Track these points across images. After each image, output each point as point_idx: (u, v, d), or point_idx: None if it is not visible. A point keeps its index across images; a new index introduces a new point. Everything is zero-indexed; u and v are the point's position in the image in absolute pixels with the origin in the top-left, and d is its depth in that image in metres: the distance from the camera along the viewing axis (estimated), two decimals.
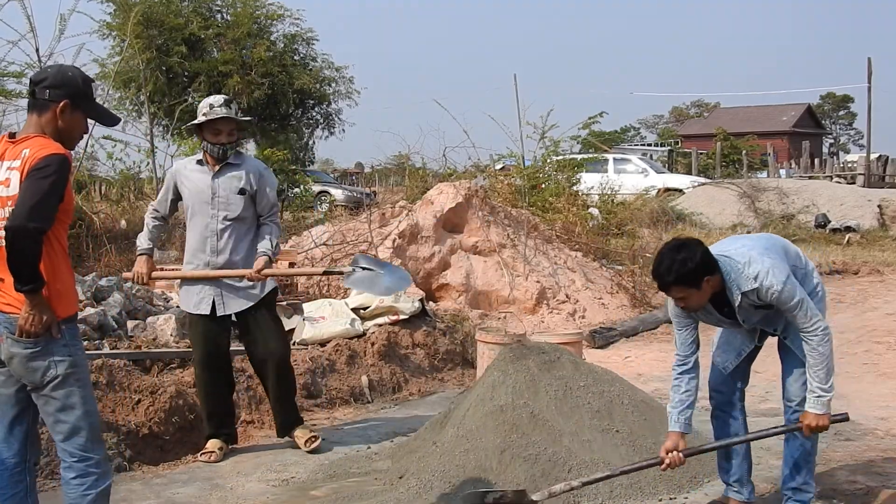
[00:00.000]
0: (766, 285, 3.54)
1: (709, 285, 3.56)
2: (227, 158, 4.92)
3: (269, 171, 5.08)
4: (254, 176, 4.94)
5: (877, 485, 4.39)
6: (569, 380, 4.66)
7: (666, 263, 3.53)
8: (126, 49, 16.06)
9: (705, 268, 3.53)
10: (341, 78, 27.13)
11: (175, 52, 23.06)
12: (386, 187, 24.51)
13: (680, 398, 3.81)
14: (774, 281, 3.54)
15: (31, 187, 2.90)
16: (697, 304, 3.61)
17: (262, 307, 4.98)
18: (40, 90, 3.07)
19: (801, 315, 3.59)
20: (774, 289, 3.54)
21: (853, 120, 69.74)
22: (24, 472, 3.18)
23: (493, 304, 9.41)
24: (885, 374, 7.13)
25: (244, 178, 4.90)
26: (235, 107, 5.03)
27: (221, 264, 4.90)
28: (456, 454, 4.37)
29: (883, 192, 21.63)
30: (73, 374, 3.06)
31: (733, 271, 3.59)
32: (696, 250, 3.54)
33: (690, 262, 3.50)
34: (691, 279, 3.51)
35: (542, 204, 12.70)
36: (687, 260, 3.50)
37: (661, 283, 3.59)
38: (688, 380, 3.81)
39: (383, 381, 6.56)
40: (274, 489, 4.48)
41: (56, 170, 2.93)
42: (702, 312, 3.74)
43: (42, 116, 3.09)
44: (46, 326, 2.97)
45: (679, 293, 3.57)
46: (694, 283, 3.53)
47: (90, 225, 9.37)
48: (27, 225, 2.85)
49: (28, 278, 2.89)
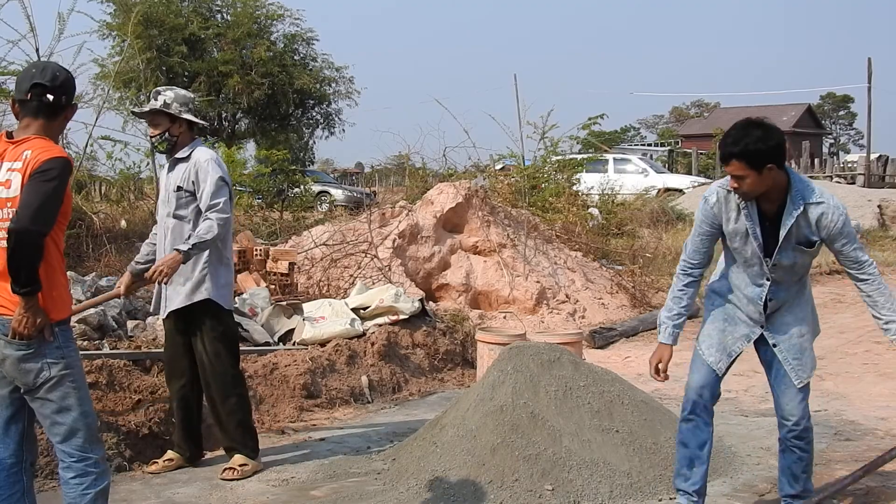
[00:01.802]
0: (834, 205, 3.43)
1: (770, 176, 3.37)
2: (170, 152, 4.64)
3: (211, 161, 4.55)
4: (192, 169, 4.55)
5: (877, 485, 4.38)
6: (569, 380, 4.66)
7: (737, 134, 3.35)
8: (126, 49, 16.05)
9: (775, 154, 3.35)
10: (341, 78, 27.19)
11: (175, 52, 23.07)
12: (386, 187, 24.50)
13: (678, 311, 3.70)
14: (840, 209, 3.45)
15: (34, 190, 2.90)
16: (750, 190, 3.39)
17: (205, 315, 4.59)
18: (58, 96, 3.07)
19: (858, 249, 3.49)
20: (840, 212, 3.44)
21: (853, 120, 69.72)
22: (20, 473, 3.18)
23: (493, 304, 9.41)
24: (885, 374, 7.13)
25: (184, 173, 4.58)
26: (164, 98, 4.55)
27: None
28: (456, 454, 4.37)
29: (883, 192, 21.64)
30: (67, 375, 3.05)
31: (801, 183, 3.45)
32: (774, 134, 3.38)
33: (763, 142, 3.33)
34: (757, 158, 3.32)
35: (542, 204, 12.71)
36: (761, 139, 3.33)
37: (725, 153, 3.39)
38: (690, 293, 3.71)
39: (383, 381, 6.56)
40: (274, 489, 4.48)
41: (59, 174, 2.94)
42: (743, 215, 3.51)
43: (53, 121, 3.10)
44: (39, 329, 2.96)
45: (738, 169, 3.35)
46: (757, 164, 3.33)
47: (90, 225, 9.37)
48: (31, 228, 2.86)
49: (27, 281, 2.89)
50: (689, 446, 3.73)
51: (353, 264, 8.71)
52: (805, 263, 3.59)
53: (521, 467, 4.20)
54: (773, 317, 3.67)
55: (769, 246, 3.51)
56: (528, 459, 4.22)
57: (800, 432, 3.70)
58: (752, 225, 3.51)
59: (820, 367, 7.25)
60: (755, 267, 3.58)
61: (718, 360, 3.72)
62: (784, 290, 3.62)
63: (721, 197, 3.58)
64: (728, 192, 3.53)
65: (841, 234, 3.45)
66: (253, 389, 5.74)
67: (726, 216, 3.57)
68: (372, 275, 8.51)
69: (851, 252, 3.49)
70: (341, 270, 8.66)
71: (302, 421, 5.76)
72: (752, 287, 3.63)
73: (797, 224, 3.44)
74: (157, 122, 4.59)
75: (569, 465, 4.21)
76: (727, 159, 3.38)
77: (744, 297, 3.68)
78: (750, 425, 5.61)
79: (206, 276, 4.56)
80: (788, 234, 3.46)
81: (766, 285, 3.58)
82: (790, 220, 3.44)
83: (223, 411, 4.67)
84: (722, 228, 3.60)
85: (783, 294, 3.63)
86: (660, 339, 3.73)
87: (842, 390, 6.62)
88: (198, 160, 4.57)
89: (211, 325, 4.60)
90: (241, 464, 4.62)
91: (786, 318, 3.66)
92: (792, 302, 3.67)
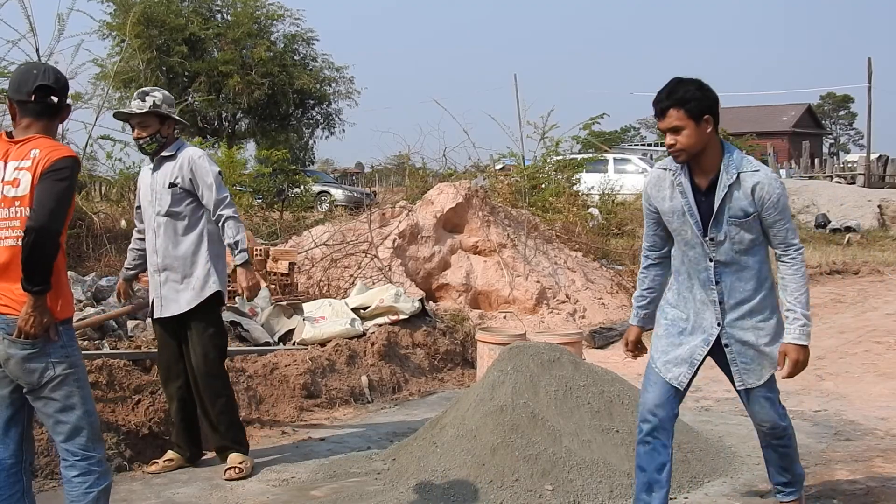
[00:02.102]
0: (771, 176, 3.33)
1: (707, 132, 3.28)
2: (157, 153, 4.60)
3: (203, 158, 4.60)
4: (185, 166, 4.55)
5: (877, 485, 4.38)
6: (569, 380, 4.66)
7: (671, 87, 3.28)
8: (126, 49, 16.05)
9: (712, 105, 3.29)
10: (341, 78, 27.22)
11: (175, 52, 23.08)
12: (386, 187, 24.50)
13: (641, 293, 3.69)
14: (776, 182, 3.33)
15: (49, 189, 2.92)
16: (688, 144, 3.27)
17: (196, 315, 4.60)
18: (61, 98, 3.12)
19: (791, 229, 3.36)
20: (776, 185, 3.32)
21: (853, 120, 69.75)
22: (20, 473, 3.18)
23: (493, 304, 9.41)
24: (885, 374, 7.13)
25: (176, 169, 4.56)
26: (153, 99, 4.54)
27: (161, 263, 4.60)
28: (456, 454, 4.37)
29: (883, 192, 21.67)
30: (71, 374, 3.06)
31: (736, 153, 3.36)
32: (709, 88, 3.31)
33: (700, 91, 3.27)
34: (694, 107, 3.24)
35: (542, 204, 12.72)
36: (698, 88, 3.27)
37: (661, 107, 3.29)
38: (652, 276, 3.66)
39: (383, 381, 6.56)
40: (274, 489, 4.48)
41: (71, 172, 2.98)
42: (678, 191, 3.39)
43: (53, 121, 3.14)
44: (45, 328, 2.97)
45: (676, 120, 3.25)
46: (694, 114, 3.25)
47: (90, 225, 9.37)
48: (50, 226, 2.89)
49: (41, 280, 2.91)
50: (646, 470, 3.50)
51: (353, 264, 8.71)
52: (744, 240, 3.35)
53: (521, 467, 4.20)
54: (733, 320, 3.45)
55: (706, 224, 3.38)
56: (528, 459, 4.22)
57: (777, 433, 3.61)
58: (686, 201, 3.38)
59: (820, 367, 7.31)
60: (697, 248, 3.42)
61: (678, 374, 3.48)
62: (733, 275, 3.40)
63: (654, 177, 3.51)
64: (664, 170, 3.46)
65: (775, 207, 3.31)
66: (253, 389, 5.74)
67: (661, 195, 3.46)
68: (372, 275, 8.52)
69: (782, 230, 3.35)
70: (341, 270, 8.66)
71: (302, 421, 5.76)
72: (700, 276, 3.45)
73: (731, 194, 3.31)
74: (148, 123, 4.56)
75: (569, 465, 4.21)
76: (663, 112, 3.28)
77: (697, 301, 3.49)
78: (750, 425, 5.55)
79: (210, 271, 4.60)
80: (722, 205, 3.32)
81: (711, 267, 3.40)
82: (723, 191, 3.31)
83: (214, 412, 4.67)
84: (659, 213, 3.50)
85: (732, 278, 3.41)
86: (629, 321, 3.77)
87: (842, 390, 6.62)
88: (191, 157, 4.58)
89: (204, 325, 4.61)
90: (241, 461, 4.64)
91: (745, 321, 3.44)
92: (751, 303, 3.42)
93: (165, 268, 4.60)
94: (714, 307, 3.45)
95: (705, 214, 3.36)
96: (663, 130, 3.31)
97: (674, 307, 3.58)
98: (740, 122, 49.70)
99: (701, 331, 3.49)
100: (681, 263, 3.52)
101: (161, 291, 4.61)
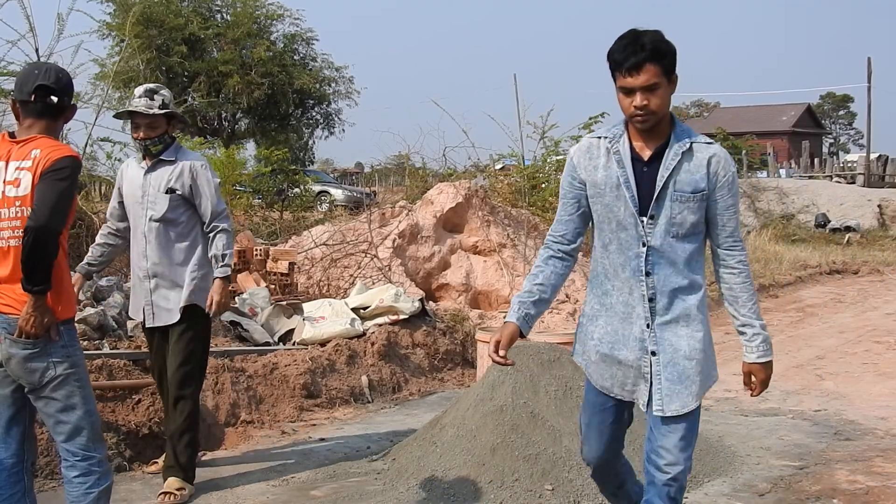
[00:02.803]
0: (726, 154, 2.82)
1: (674, 89, 2.77)
2: (160, 154, 4.38)
3: (206, 167, 4.45)
4: (186, 173, 4.37)
5: (877, 485, 4.39)
6: (569, 380, 4.66)
7: (640, 37, 2.70)
8: (125, 49, 16.04)
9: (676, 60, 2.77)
10: (341, 78, 27.23)
11: (175, 52, 23.08)
12: (386, 187, 24.51)
13: (531, 287, 2.92)
14: (731, 159, 2.84)
15: (49, 189, 2.92)
16: (661, 106, 2.72)
17: (177, 328, 4.40)
18: (61, 98, 3.10)
19: (736, 220, 2.83)
20: (731, 165, 2.82)
21: (853, 120, 69.78)
22: (21, 473, 3.18)
23: (493, 304, 9.41)
24: (884, 373, 7.14)
25: (175, 175, 4.36)
26: (162, 98, 4.38)
27: (151, 269, 4.39)
28: (456, 454, 4.37)
29: (883, 191, 21.69)
30: (72, 374, 3.07)
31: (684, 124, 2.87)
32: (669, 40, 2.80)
33: (670, 44, 2.74)
34: (668, 63, 2.71)
35: (542, 204, 12.69)
36: (666, 40, 2.74)
37: (635, 59, 2.66)
38: (550, 270, 2.95)
39: (383, 381, 6.56)
40: (274, 489, 4.48)
41: (71, 172, 2.98)
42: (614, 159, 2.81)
43: (56, 121, 3.13)
44: (46, 328, 2.98)
45: (652, 76, 2.67)
46: (670, 68, 2.72)
47: (90, 225, 9.35)
48: (50, 226, 2.88)
49: (41, 279, 2.91)
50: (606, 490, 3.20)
51: (353, 264, 8.72)
52: (685, 222, 2.77)
53: (521, 467, 4.20)
54: (664, 323, 2.81)
55: (644, 200, 2.78)
56: (528, 459, 4.23)
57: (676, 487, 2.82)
58: (622, 171, 2.79)
59: (820, 367, 7.32)
60: (629, 229, 2.80)
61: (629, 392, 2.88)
62: (667, 266, 2.80)
63: (584, 145, 2.92)
64: (598, 138, 2.88)
65: (730, 188, 2.78)
66: (253, 389, 5.75)
67: (592, 164, 2.85)
68: (372, 275, 8.52)
69: (732, 219, 2.81)
70: (341, 270, 8.66)
71: (302, 421, 5.76)
72: (630, 265, 2.82)
73: (680, 166, 2.75)
74: (157, 124, 4.35)
75: (569, 465, 4.22)
76: (638, 66, 2.66)
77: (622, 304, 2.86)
78: (750, 425, 5.61)
79: (196, 281, 4.40)
80: (670, 178, 2.75)
81: (643, 254, 2.79)
82: (674, 160, 2.75)
83: (176, 426, 4.41)
84: (586, 187, 2.88)
85: (666, 271, 2.80)
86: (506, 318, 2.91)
87: (842, 390, 6.62)
88: (193, 165, 4.41)
89: (188, 337, 4.40)
90: (178, 487, 4.33)
91: (679, 327, 2.81)
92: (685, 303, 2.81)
93: (156, 274, 4.40)
94: (643, 304, 2.81)
95: (645, 188, 2.78)
96: (633, 88, 2.70)
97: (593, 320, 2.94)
98: (740, 121, 49.76)
99: (635, 341, 2.84)
100: (601, 262, 2.93)
101: (151, 298, 4.42)
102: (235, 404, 5.53)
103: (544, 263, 2.96)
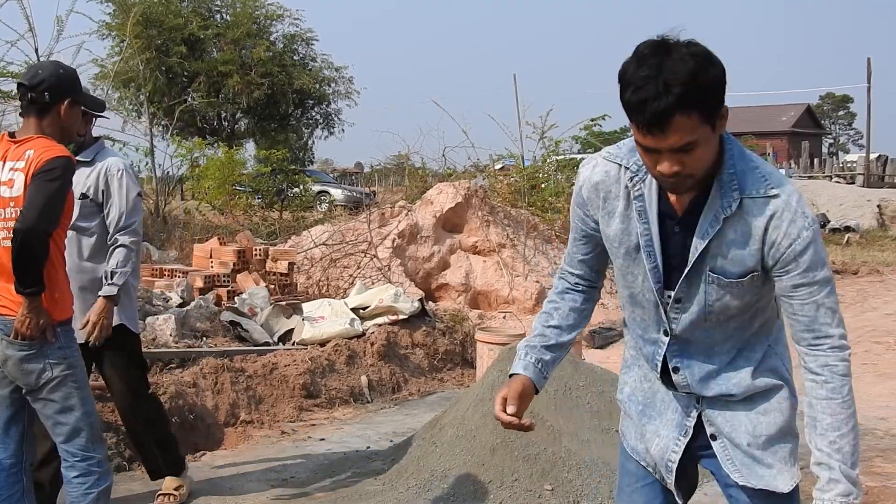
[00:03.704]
0: (789, 212, 1.82)
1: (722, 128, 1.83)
2: (75, 154, 3.61)
3: (124, 172, 3.86)
4: (102, 176, 3.83)
5: (877, 485, 4.39)
6: (568, 380, 4.66)
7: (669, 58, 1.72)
8: (125, 49, 16.05)
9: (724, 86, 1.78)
10: (341, 78, 27.23)
11: (175, 52, 23.09)
12: (386, 187, 24.52)
13: (542, 330, 2.16)
14: (807, 211, 1.84)
15: (39, 190, 2.91)
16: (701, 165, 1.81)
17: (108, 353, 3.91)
18: (39, 93, 3.05)
19: (817, 307, 1.86)
20: (807, 221, 1.83)
21: (853, 120, 69.78)
22: (20, 473, 3.18)
23: (492, 304, 9.42)
24: (884, 374, 7.14)
25: (91, 179, 3.83)
26: None
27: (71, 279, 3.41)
28: (455, 454, 4.37)
29: (882, 192, 21.70)
30: (69, 375, 3.06)
31: (742, 159, 1.89)
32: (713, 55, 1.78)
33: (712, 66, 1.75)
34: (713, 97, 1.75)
35: (542, 204, 12.70)
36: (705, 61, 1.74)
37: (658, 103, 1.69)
38: (567, 307, 2.17)
39: (383, 381, 6.56)
40: (273, 489, 4.48)
41: (62, 173, 2.95)
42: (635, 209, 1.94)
43: (44, 119, 3.09)
44: (42, 329, 2.97)
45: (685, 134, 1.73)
46: (713, 111, 1.76)
47: None
48: (38, 227, 2.87)
49: (32, 281, 2.90)
50: None
51: (353, 264, 8.72)
52: (728, 308, 1.94)
53: (521, 467, 4.20)
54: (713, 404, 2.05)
55: (673, 272, 1.95)
56: (527, 459, 4.23)
57: None
58: (646, 229, 1.93)
59: None
60: (647, 308, 2.02)
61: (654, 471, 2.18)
62: (701, 358, 2.02)
63: (599, 173, 1.99)
64: (616, 165, 1.97)
65: (799, 263, 1.83)
66: (253, 389, 5.75)
67: (607, 208, 1.99)
68: (371, 275, 8.52)
69: (807, 307, 1.87)
70: (341, 270, 8.66)
71: (301, 421, 5.76)
72: (643, 351, 2.11)
73: (724, 234, 1.87)
74: None
75: (568, 465, 4.21)
76: (662, 120, 1.70)
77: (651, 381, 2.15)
78: None
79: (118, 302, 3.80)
80: (706, 251, 1.89)
81: (664, 345, 2.02)
82: (713, 227, 1.86)
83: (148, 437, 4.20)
84: (599, 229, 2.04)
85: (698, 364, 2.02)
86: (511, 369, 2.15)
87: None
88: (109, 168, 3.85)
89: (119, 362, 3.99)
90: (176, 486, 4.24)
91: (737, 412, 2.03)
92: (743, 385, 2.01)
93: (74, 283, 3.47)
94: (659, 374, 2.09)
95: (674, 257, 1.94)
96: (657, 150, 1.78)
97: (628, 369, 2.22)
98: (740, 122, 49.72)
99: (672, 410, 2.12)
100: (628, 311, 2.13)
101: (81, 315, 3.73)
102: (235, 404, 5.53)
103: (560, 298, 2.20)
